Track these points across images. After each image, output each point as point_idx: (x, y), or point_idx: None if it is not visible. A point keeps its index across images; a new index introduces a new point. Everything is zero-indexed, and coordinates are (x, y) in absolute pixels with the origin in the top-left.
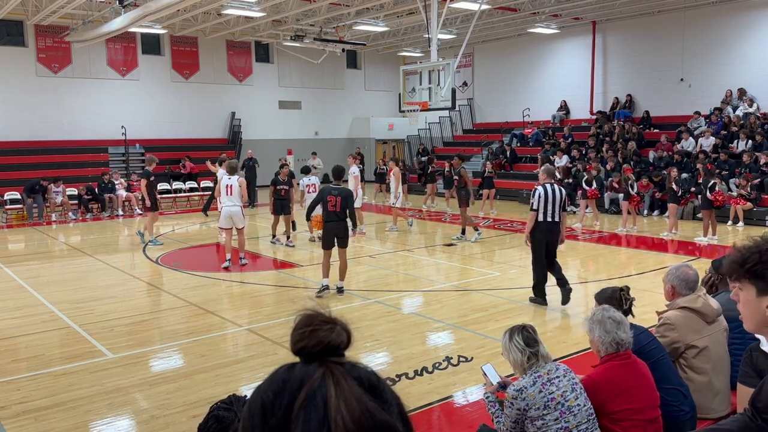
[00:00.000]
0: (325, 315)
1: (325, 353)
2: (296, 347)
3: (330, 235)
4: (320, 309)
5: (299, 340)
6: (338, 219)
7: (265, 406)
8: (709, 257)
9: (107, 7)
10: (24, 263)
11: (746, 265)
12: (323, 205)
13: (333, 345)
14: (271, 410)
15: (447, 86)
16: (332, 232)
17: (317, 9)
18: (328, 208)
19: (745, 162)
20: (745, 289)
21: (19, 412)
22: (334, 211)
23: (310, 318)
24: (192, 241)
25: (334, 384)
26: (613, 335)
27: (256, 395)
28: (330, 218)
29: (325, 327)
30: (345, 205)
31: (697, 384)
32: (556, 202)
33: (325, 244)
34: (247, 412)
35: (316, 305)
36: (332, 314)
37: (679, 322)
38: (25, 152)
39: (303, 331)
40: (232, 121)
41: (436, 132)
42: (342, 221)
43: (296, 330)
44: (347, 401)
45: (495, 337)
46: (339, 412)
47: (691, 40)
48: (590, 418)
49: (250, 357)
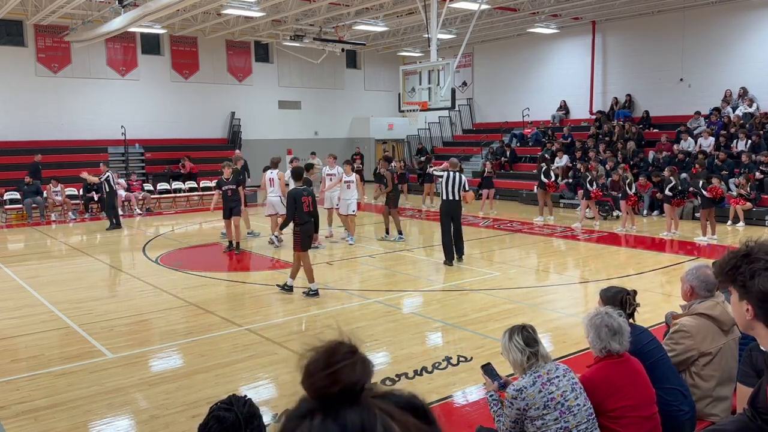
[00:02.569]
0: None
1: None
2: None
3: (309, 236)
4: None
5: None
6: (311, 219)
7: None
8: (708, 257)
9: (107, 7)
10: (24, 263)
11: (725, 270)
12: (299, 208)
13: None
14: None
15: (447, 86)
16: (309, 232)
17: (317, 9)
18: (303, 209)
19: (744, 162)
20: (732, 293)
21: (18, 412)
22: (309, 212)
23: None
24: (192, 241)
25: (395, 421)
26: (605, 343)
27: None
28: (305, 219)
29: (354, 361)
30: (315, 205)
31: (703, 390)
32: (456, 185)
33: (306, 245)
34: None
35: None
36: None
37: (695, 330)
38: (24, 152)
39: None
40: (232, 121)
41: (436, 132)
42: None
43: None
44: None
45: (494, 337)
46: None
47: (690, 40)
48: (590, 418)
49: (250, 357)
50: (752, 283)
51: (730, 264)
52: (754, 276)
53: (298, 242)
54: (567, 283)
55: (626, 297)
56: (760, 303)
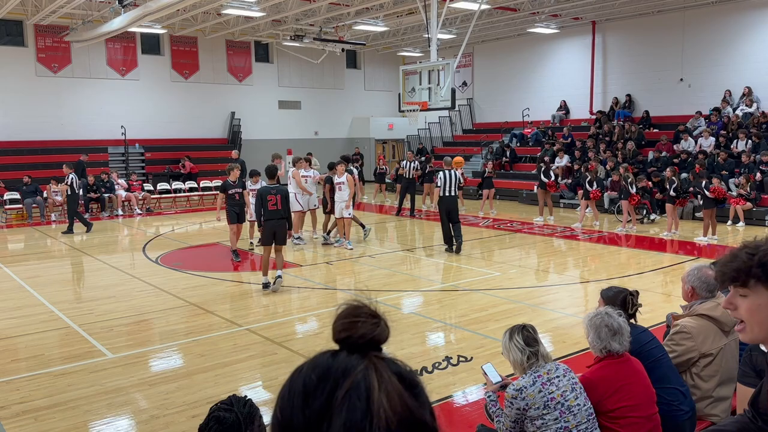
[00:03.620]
0: (371, 308)
1: (368, 346)
2: (339, 336)
3: (272, 232)
4: (366, 301)
5: (343, 330)
6: (279, 217)
7: (307, 387)
8: (708, 257)
9: (107, 7)
10: (24, 263)
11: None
12: (264, 205)
13: (376, 339)
14: (313, 393)
15: (447, 86)
16: (273, 229)
17: (317, 9)
18: (269, 207)
19: (744, 162)
20: (754, 293)
21: (18, 412)
22: (275, 210)
23: (356, 309)
24: (192, 241)
25: (377, 377)
26: (605, 344)
27: (298, 376)
28: (269, 216)
29: (371, 321)
30: (285, 204)
31: (704, 391)
32: (453, 183)
33: (265, 241)
34: (287, 392)
35: (362, 297)
36: (377, 308)
37: (696, 331)
38: (25, 152)
39: (349, 322)
40: (232, 121)
41: (436, 132)
42: (282, 219)
43: (341, 319)
44: (389, 396)
45: (495, 337)
46: (381, 405)
47: (691, 40)
48: (590, 418)
49: (250, 357)
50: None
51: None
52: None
53: (261, 237)
54: (567, 283)
55: (629, 298)
56: None
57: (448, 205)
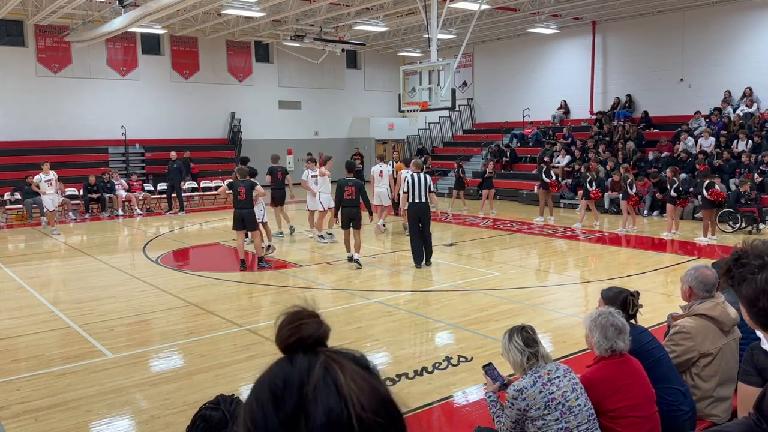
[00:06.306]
0: (309, 310)
1: (316, 344)
2: (289, 342)
3: (240, 219)
4: (304, 306)
5: (291, 335)
6: (353, 205)
7: (275, 393)
8: (708, 257)
9: (107, 7)
10: (24, 263)
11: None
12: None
13: (322, 336)
14: (282, 396)
15: (447, 86)
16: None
17: (317, 9)
18: (344, 196)
19: (744, 162)
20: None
21: (18, 412)
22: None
23: (298, 313)
24: (192, 241)
25: (338, 366)
26: (612, 343)
27: (262, 385)
28: (347, 204)
29: (314, 320)
30: (359, 194)
31: (704, 391)
32: (422, 187)
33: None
34: (254, 402)
35: (300, 303)
36: (315, 308)
37: (695, 331)
38: (25, 152)
39: (295, 326)
40: (232, 121)
41: (436, 132)
42: (356, 207)
43: (286, 326)
44: (355, 380)
45: (495, 337)
46: (351, 390)
47: (691, 40)
48: (591, 419)
49: (250, 357)
50: (739, 288)
51: (724, 268)
52: (742, 281)
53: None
54: (567, 284)
55: (629, 298)
56: (750, 307)
57: (419, 212)
